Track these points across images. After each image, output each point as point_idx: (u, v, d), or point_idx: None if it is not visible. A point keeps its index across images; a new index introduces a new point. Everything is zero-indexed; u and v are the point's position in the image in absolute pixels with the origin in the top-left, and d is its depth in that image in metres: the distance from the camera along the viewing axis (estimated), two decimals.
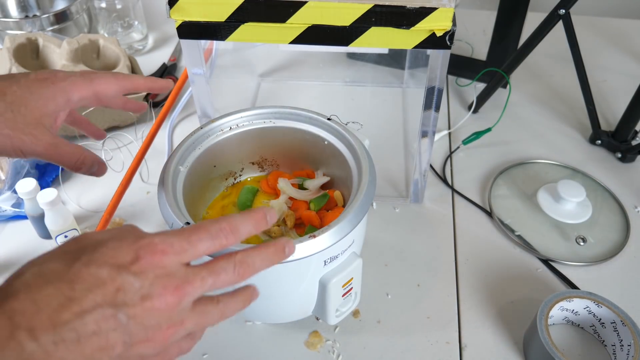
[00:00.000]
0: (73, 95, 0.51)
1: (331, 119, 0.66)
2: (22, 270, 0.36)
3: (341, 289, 0.58)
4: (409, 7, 0.60)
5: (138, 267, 0.36)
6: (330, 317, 0.61)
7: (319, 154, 0.68)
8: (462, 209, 0.83)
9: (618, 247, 0.77)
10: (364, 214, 0.56)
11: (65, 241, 0.38)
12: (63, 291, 0.34)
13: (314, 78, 1.07)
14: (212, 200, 0.70)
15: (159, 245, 0.37)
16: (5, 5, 1.13)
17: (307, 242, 0.52)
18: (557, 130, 0.98)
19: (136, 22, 1.15)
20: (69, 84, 0.51)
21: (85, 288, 0.34)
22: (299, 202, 0.67)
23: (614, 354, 0.64)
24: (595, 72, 1.09)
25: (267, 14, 0.63)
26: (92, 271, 0.35)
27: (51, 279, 0.34)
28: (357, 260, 0.58)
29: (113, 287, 0.35)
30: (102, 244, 0.37)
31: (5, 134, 0.47)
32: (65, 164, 0.52)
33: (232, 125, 0.67)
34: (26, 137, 0.48)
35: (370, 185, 0.58)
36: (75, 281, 0.34)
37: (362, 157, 0.61)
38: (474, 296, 0.71)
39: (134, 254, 0.36)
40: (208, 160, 0.67)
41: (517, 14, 0.94)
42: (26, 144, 0.48)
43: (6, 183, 0.80)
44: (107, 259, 0.36)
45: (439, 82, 0.68)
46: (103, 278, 0.35)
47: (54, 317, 0.33)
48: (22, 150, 0.49)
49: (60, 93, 0.50)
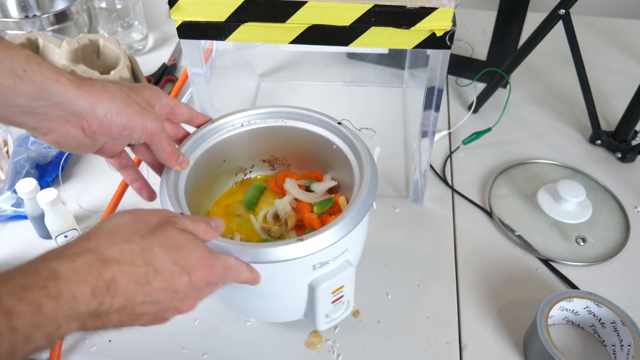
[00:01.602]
0: (163, 99, 0.60)
1: (341, 123, 0.65)
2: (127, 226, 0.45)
3: (331, 295, 0.58)
4: (409, 7, 0.60)
5: (195, 278, 0.47)
6: (319, 322, 0.61)
7: (328, 158, 0.67)
8: (462, 209, 0.83)
9: (618, 247, 0.77)
10: (356, 223, 0.55)
11: (155, 210, 0.49)
12: (149, 277, 0.43)
13: (314, 78, 1.07)
14: (219, 194, 0.71)
15: (213, 267, 0.49)
16: (5, 5, 1.13)
17: (294, 244, 0.52)
18: (557, 130, 0.98)
19: (136, 22, 1.15)
20: (160, 91, 0.60)
21: (161, 279, 0.44)
22: (303, 204, 0.67)
23: (614, 354, 0.64)
24: (595, 72, 1.09)
25: (267, 14, 0.63)
26: (175, 269, 0.45)
27: (147, 261, 0.43)
28: (349, 269, 0.58)
29: (173, 288, 0.45)
30: (184, 247, 0.47)
31: (136, 110, 0.54)
32: (164, 148, 0.58)
33: (243, 122, 0.68)
34: (149, 114, 0.55)
35: (368, 194, 0.57)
36: (159, 272, 0.44)
37: (365, 164, 0.60)
38: (474, 296, 0.71)
39: (197, 266, 0.47)
40: (217, 154, 0.67)
41: (517, 14, 0.94)
42: (150, 119, 0.55)
43: (6, 183, 0.80)
44: (184, 263, 0.46)
45: (439, 82, 0.68)
46: (175, 278, 0.45)
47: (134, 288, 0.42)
48: (147, 127, 0.55)
49: (158, 93, 0.59)
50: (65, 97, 0.49)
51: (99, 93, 0.51)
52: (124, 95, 0.53)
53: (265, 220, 0.67)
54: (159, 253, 0.44)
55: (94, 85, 0.51)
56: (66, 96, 0.49)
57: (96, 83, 0.52)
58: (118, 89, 0.53)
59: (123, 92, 0.54)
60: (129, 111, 0.53)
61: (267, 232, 0.65)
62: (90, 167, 0.90)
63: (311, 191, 0.68)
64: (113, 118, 0.52)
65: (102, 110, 0.51)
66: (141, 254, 0.43)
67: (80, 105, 0.50)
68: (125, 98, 0.53)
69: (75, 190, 0.86)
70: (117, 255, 0.41)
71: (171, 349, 0.66)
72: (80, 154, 0.91)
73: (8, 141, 0.84)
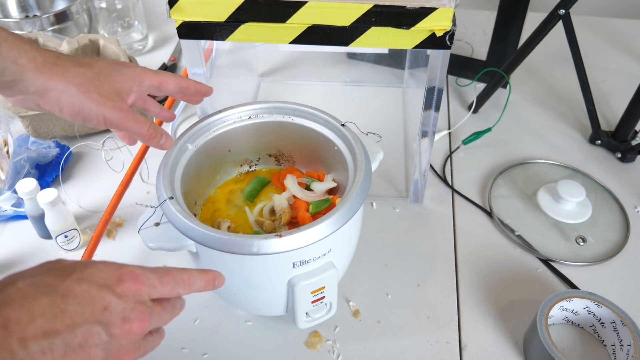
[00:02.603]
0: (144, 81, 0.58)
1: (345, 125, 0.65)
2: (13, 279, 0.37)
3: (310, 295, 0.58)
4: (409, 7, 0.60)
5: (122, 290, 0.39)
6: (299, 320, 0.61)
7: (330, 159, 0.68)
8: (462, 209, 0.83)
9: (618, 247, 0.77)
10: (340, 225, 0.55)
11: (43, 263, 0.40)
12: (57, 303, 0.36)
13: (314, 78, 1.07)
14: (223, 182, 0.72)
15: (140, 275, 0.41)
16: (6, 5, 1.13)
17: (272, 240, 0.52)
18: (557, 130, 0.98)
19: (136, 22, 1.15)
20: (143, 71, 0.58)
21: (77, 302, 0.37)
22: (301, 201, 0.67)
23: (613, 354, 0.64)
24: (595, 72, 1.09)
25: (267, 14, 0.63)
26: (84, 288, 0.38)
27: (46, 291, 0.37)
28: (330, 270, 0.58)
29: (101, 305, 0.38)
30: (90, 265, 0.40)
31: (93, 99, 0.53)
32: (139, 131, 0.57)
33: (251, 114, 0.68)
34: (109, 102, 0.54)
35: (355, 199, 0.56)
36: (68, 295, 0.37)
37: (359, 169, 0.60)
38: (474, 296, 0.71)
39: (118, 278, 0.40)
40: (222, 144, 0.68)
41: (517, 14, 0.94)
42: (109, 108, 0.54)
43: (6, 183, 0.80)
44: (96, 279, 0.39)
45: (439, 82, 0.68)
46: (92, 296, 0.38)
47: (46, 327, 0.35)
48: (104, 116, 0.54)
49: (136, 76, 0.57)
50: (20, 77, 0.51)
51: (55, 77, 0.52)
52: (84, 82, 0.53)
53: (261, 214, 0.67)
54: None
55: (54, 68, 0.52)
56: (21, 76, 0.51)
57: (57, 66, 0.52)
58: (80, 74, 0.53)
59: (85, 78, 0.53)
60: (83, 100, 0.53)
61: (260, 225, 0.65)
62: (90, 167, 0.90)
63: (311, 190, 0.68)
64: (64, 104, 0.53)
65: (54, 94, 0.52)
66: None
67: (35, 86, 0.52)
68: (84, 85, 0.53)
69: (75, 190, 0.86)
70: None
71: (171, 349, 0.66)
72: (80, 155, 0.92)
73: (8, 141, 0.84)
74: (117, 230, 0.80)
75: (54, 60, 0.53)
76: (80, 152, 0.92)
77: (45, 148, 0.87)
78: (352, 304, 0.70)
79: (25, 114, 0.86)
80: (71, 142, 0.91)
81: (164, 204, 0.57)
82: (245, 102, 0.69)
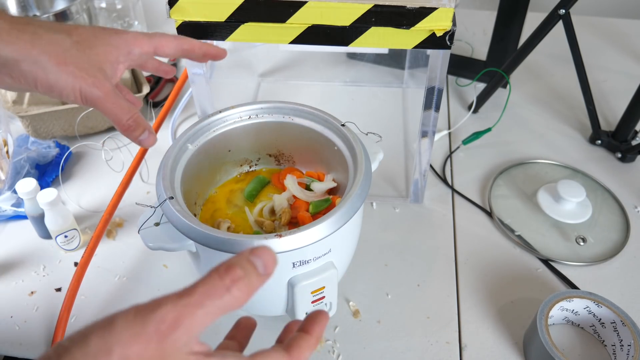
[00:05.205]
0: (134, 49, 0.52)
1: (345, 125, 0.65)
2: (86, 339, 0.31)
3: (310, 295, 0.58)
4: (409, 7, 0.60)
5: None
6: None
7: (330, 159, 0.68)
8: (462, 209, 0.83)
9: (618, 247, 0.77)
10: (340, 225, 0.55)
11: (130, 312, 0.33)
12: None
13: (314, 78, 1.07)
14: (223, 182, 0.72)
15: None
16: (5, 5, 1.13)
17: (272, 240, 0.52)
18: (557, 130, 0.98)
19: (136, 22, 1.15)
20: (132, 37, 0.52)
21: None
22: (301, 201, 0.67)
23: (613, 354, 0.64)
24: (595, 72, 1.09)
25: (267, 14, 0.63)
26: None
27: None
28: (331, 270, 0.58)
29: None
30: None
31: (70, 72, 0.47)
32: (118, 118, 0.50)
33: (251, 114, 0.68)
34: (89, 78, 0.47)
35: (355, 199, 0.57)
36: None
37: (359, 169, 0.60)
38: (474, 296, 0.71)
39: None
40: (222, 144, 0.69)
41: (517, 14, 0.94)
42: (88, 84, 0.47)
43: (6, 183, 0.80)
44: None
45: (439, 82, 0.68)
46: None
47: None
48: (81, 92, 0.47)
49: (123, 43, 0.51)
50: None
51: (25, 46, 0.46)
52: (59, 51, 0.47)
53: (261, 214, 0.67)
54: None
55: (22, 35, 0.46)
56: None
57: (26, 33, 0.46)
58: (55, 42, 0.47)
59: (60, 47, 0.47)
60: (57, 73, 0.47)
61: (260, 225, 0.65)
62: (90, 167, 0.90)
63: (311, 190, 0.68)
64: (38, 75, 0.47)
65: (26, 66, 0.46)
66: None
67: (1, 58, 0.46)
68: (59, 55, 0.47)
69: (75, 190, 0.86)
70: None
71: None
72: (80, 155, 0.92)
73: (8, 141, 0.84)
74: (117, 230, 0.80)
75: (23, 26, 0.46)
76: (80, 152, 0.92)
77: (45, 148, 0.87)
78: (352, 304, 0.70)
79: (25, 114, 0.86)
80: (71, 142, 0.92)
81: (164, 204, 0.57)
82: (245, 102, 0.69)
